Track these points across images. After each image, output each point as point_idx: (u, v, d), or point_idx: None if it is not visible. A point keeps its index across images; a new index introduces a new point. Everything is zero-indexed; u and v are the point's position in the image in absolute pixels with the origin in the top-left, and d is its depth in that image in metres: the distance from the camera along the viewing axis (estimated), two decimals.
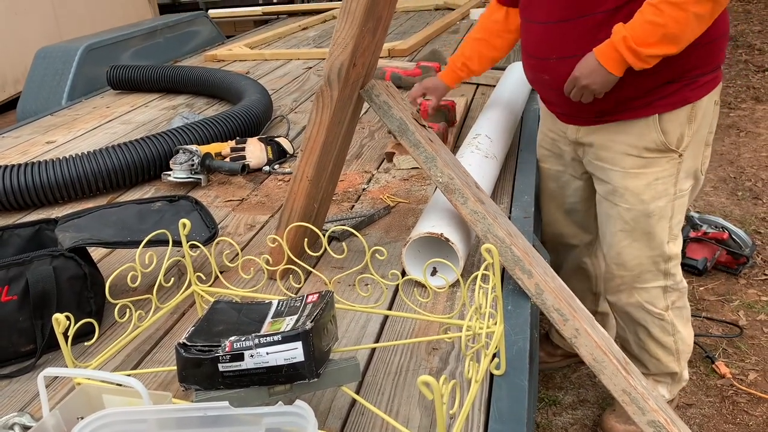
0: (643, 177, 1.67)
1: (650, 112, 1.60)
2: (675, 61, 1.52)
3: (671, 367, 1.92)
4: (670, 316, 1.84)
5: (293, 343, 0.88)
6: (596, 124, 1.69)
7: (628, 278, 1.81)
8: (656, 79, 1.55)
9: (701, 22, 1.43)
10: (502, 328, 1.06)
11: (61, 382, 1.18)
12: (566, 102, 1.66)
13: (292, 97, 3.09)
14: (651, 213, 1.70)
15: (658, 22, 1.42)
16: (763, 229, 3.30)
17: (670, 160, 1.65)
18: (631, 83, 1.54)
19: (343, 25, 1.22)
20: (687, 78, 1.57)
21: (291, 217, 1.42)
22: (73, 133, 2.80)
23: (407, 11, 5.40)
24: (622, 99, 1.59)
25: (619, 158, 1.68)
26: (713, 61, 1.61)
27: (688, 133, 1.62)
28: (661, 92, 1.58)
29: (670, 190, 1.68)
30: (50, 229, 1.43)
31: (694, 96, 1.59)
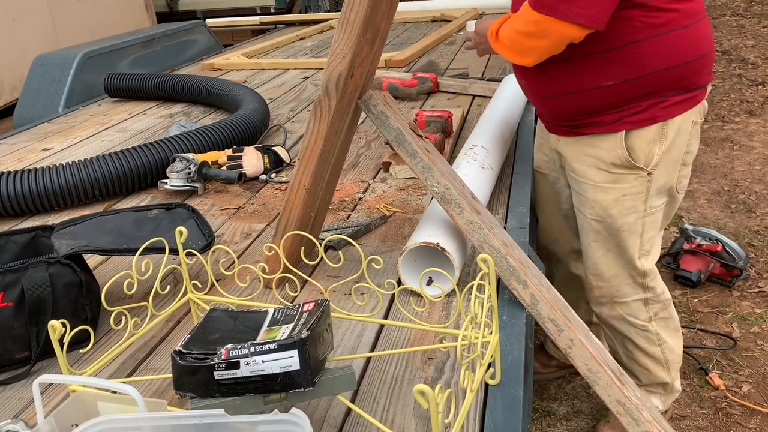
0: (611, 191, 1.69)
1: (618, 128, 1.61)
2: (639, 82, 1.55)
3: (662, 377, 1.92)
4: (654, 327, 1.85)
5: (289, 351, 0.89)
6: (570, 136, 1.72)
7: (606, 290, 1.83)
8: (623, 94, 1.57)
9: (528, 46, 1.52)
10: (497, 338, 1.06)
11: (55, 389, 1.18)
12: (543, 107, 1.77)
13: (289, 106, 3.10)
14: (619, 228, 1.71)
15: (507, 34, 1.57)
16: (756, 241, 3.32)
17: (638, 177, 1.65)
18: (599, 97, 1.58)
19: (342, 35, 1.23)
20: (658, 96, 1.58)
21: (288, 226, 1.42)
22: (70, 141, 2.80)
23: (404, 22, 5.43)
24: (590, 111, 1.62)
25: (590, 171, 1.70)
26: (686, 84, 1.60)
27: (657, 152, 1.62)
28: (631, 108, 1.59)
29: (640, 207, 1.69)
30: (46, 236, 1.43)
31: (664, 115, 1.59)
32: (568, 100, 1.64)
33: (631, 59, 1.52)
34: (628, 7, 1.46)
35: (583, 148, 1.70)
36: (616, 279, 1.79)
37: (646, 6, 1.47)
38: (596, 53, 1.53)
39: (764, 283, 2.97)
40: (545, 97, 1.71)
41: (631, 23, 1.48)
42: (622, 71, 1.54)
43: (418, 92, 2.94)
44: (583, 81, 1.58)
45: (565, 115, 1.69)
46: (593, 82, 1.57)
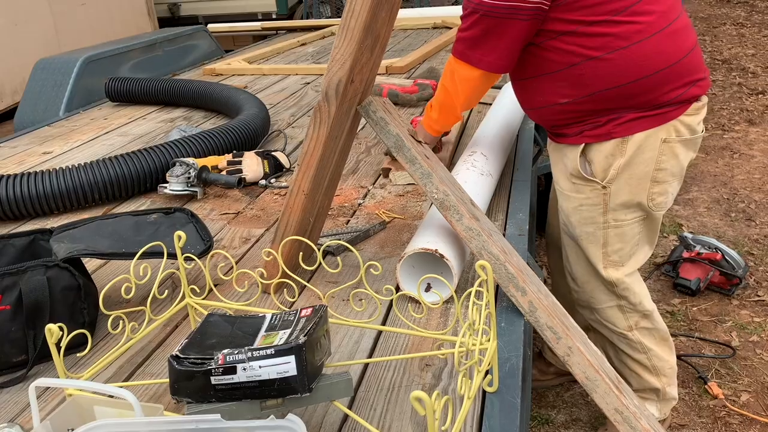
0: (571, 200, 1.75)
1: (579, 141, 1.67)
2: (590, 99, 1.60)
3: (652, 382, 1.92)
4: (635, 336, 1.86)
5: (286, 357, 0.89)
6: (553, 142, 1.80)
7: (582, 295, 1.88)
8: (580, 109, 1.63)
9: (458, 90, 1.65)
10: (495, 345, 1.06)
11: (52, 393, 1.17)
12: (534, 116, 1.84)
13: (289, 111, 3.10)
14: (578, 236, 1.77)
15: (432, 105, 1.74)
16: (756, 250, 3.32)
17: (593, 189, 1.69)
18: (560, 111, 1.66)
19: (342, 41, 1.23)
20: (614, 113, 1.61)
21: (286, 231, 1.42)
22: (70, 145, 2.80)
23: (405, 29, 5.44)
24: (559, 123, 1.70)
25: (560, 178, 1.78)
26: (643, 100, 1.59)
27: (615, 167, 1.64)
28: (592, 122, 1.64)
29: (598, 218, 1.72)
30: (45, 240, 1.43)
31: (621, 131, 1.62)
32: (541, 113, 1.73)
33: (575, 80, 1.58)
34: (554, 38, 1.54)
35: (558, 155, 1.77)
36: (589, 285, 1.84)
37: (576, 33, 1.52)
38: (545, 74, 1.62)
39: (763, 291, 2.97)
40: (526, 108, 1.82)
41: (567, 48, 1.54)
42: (571, 91, 1.60)
43: (419, 99, 2.94)
44: (544, 98, 1.67)
45: (544, 125, 1.80)
46: (551, 99, 1.65)
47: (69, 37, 5.94)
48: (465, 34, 1.60)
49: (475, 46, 1.58)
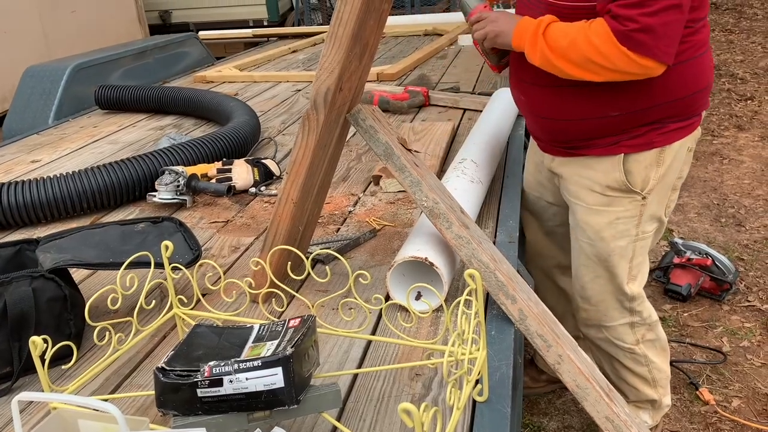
0: (605, 215, 1.67)
1: (616, 151, 1.60)
2: (647, 112, 1.54)
3: (649, 395, 1.92)
4: (641, 349, 1.84)
5: (273, 368, 0.88)
6: (567, 156, 1.71)
7: (593, 313, 1.82)
8: (625, 123, 1.56)
9: (593, 68, 1.44)
10: (485, 354, 1.06)
11: (36, 406, 1.16)
12: (541, 127, 1.73)
13: (280, 119, 3.09)
14: (611, 252, 1.70)
15: (568, 36, 1.44)
16: (746, 255, 3.33)
17: (632, 201, 1.64)
18: (601, 125, 1.57)
19: (330, 50, 1.23)
20: (657, 123, 1.57)
21: (275, 240, 1.41)
22: (59, 153, 2.78)
23: (396, 36, 5.45)
24: (590, 136, 1.61)
25: (584, 193, 1.69)
26: (690, 112, 1.60)
27: (654, 177, 1.61)
28: (630, 133, 1.58)
29: (632, 231, 1.67)
30: (31, 250, 1.42)
31: (662, 140, 1.59)
32: (570, 125, 1.63)
33: (640, 91, 1.50)
34: None
35: (579, 169, 1.68)
36: (604, 304, 1.79)
37: None
38: (604, 83, 1.48)
39: (753, 297, 2.98)
40: (546, 118, 1.67)
41: None
42: (630, 103, 1.52)
43: (409, 106, 2.95)
44: (589, 109, 1.57)
45: (562, 137, 1.68)
46: (599, 111, 1.55)
47: (58, 45, 5.92)
48: (652, 21, 1.36)
49: (664, 35, 1.37)
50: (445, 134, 2.43)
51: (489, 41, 1.64)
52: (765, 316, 2.83)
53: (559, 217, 1.96)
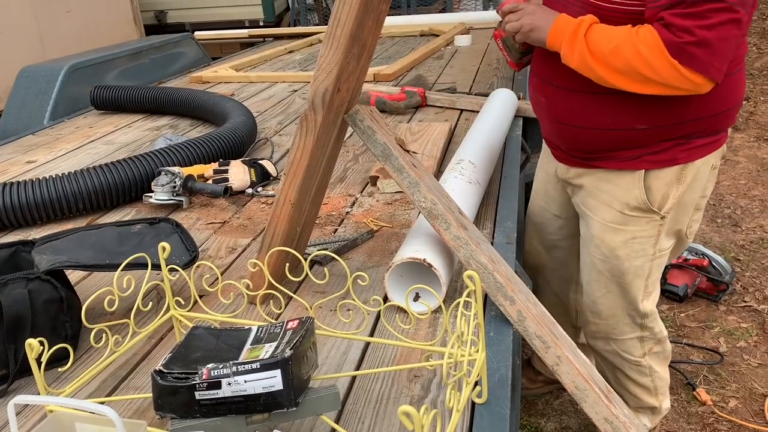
0: (621, 233, 1.61)
1: (637, 167, 1.53)
2: (676, 127, 1.47)
3: (650, 403, 1.91)
4: (647, 361, 1.82)
5: (272, 371, 0.87)
6: (584, 167, 1.65)
7: (603, 327, 1.79)
8: (651, 137, 1.50)
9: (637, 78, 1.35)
10: (484, 356, 1.05)
11: (32, 409, 1.15)
12: (559, 134, 1.64)
13: (276, 119, 3.09)
14: (625, 270, 1.65)
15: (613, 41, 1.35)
16: (742, 256, 3.34)
17: (650, 221, 1.58)
18: (625, 137, 1.50)
19: (328, 50, 1.22)
20: (682, 138, 1.50)
21: (273, 242, 1.41)
22: (55, 153, 2.77)
23: (393, 36, 5.45)
24: (611, 148, 1.54)
25: (601, 209, 1.63)
26: (718, 128, 1.53)
27: (673, 195, 1.54)
28: (652, 148, 1.51)
29: (649, 250, 1.62)
30: (27, 251, 1.41)
31: (685, 157, 1.51)
32: (593, 135, 1.55)
33: (673, 105, 1.43)
34: None
35: (598, 182, 1.62)
36: (615, 319, 1.74)
37: None
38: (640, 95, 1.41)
39: (750, 297, 2.99)
40: (568, 125, 1.59)
41: None
42: (659, 117, 1.45)
43: (406, 106, 2.94)
44: (616, 120, 1.49)
45: (582, 147, 1.60)
46: (625, 123, 1.48)
47: (54, 45, 5.89)
48: (710, 34, 1.26)
49: (719, 51, 1.28)
50: (442, 135, 2.43)
51: (522, 35, 1.52)
52: (761, 317, 2.84)
53: (564, 231, 1.90)
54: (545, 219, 1.94)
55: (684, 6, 1.27)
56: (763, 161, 4.52)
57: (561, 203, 1.86)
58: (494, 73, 3.68)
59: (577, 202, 1.74)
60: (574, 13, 1.46)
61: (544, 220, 1.95)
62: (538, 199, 1.95)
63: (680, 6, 1.28)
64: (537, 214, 1.96)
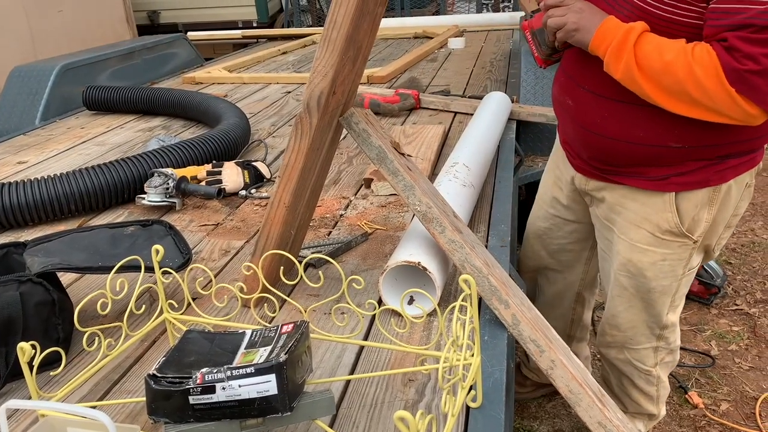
0: (650, 254, 1.54)
1: (666, 189, 1.44)
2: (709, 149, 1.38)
3: (650, 410, 1.89)
4: (657, 371, 1.80)
5: (266, 375, 0.87)
6: (605, 181, 1.56)
7: (620, 338, 1.75)
8: (682, 156, 1.40)
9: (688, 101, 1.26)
10: (479, 360, 1.05)
11: (24, 413, 1.14)
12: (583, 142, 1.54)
13: (270, 121, 3.08)
14: (652, 289, 1.59)
15: (665, 58, 1.25)
16: (733, 259, 3.36)
17: (682, 245, 1.50)
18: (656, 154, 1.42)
19: (324, 53, 1.22)
20: (715, 158, 1.40)
21: (267, 244, 1.40)
22: (46, 154, 2.75)
23: (386, 38, 5.45)
24: (640, 162, 1.45)
25: (628, 228, 1.55)
26: (753, 146, 1.43)
27: (705, 218, 1.46)
28: (680, 168, 1.42)
29: (678, 271, 1.55)
30: (18, 253, 1.39)
31: (718, 179, 1.42)
32: (621, 147, 1.45)
33: (713, 127, 1.32)
34: None
35: (623, 200, 1.53)
36: (633, 330, 1.70)
37: None
38: None
39: (741, 300, 3.00)
40: (594, 133, 1.48)
41: None
42: (696, 137, 1.36)
43: (400, 108, 2.94)
44: (649, 135, 1.39)
45: (606, 159, 1.51)
46: (659, 139, 1.38)
47: (45, 45, 5.86)
48: None
49: None
50: (436, 137, 2.43)
51: (564, 33, 1.38)
52: (752, 320, 2.85)
53: (576, 235, 1.82)
54: (554, 224, 1.87)
55: (752, 30, 1.17)
56: None
57: (575, 211, 1.78)
58: (488, 76, 3.69)
59: (597, 215, 1.67)
60: (622, 17, 1.35)
61: (552, 225, 1.87)
62: (545, 205, 1.87)
63: (748, 30, 1.17)
64: (543, 218, 1.89)
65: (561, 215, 1.86)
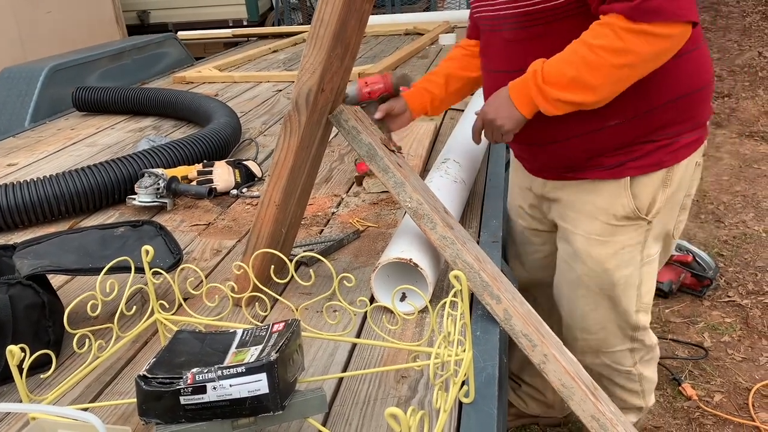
0: (609, 245, 1.55)
1: (621, 174, 1.46)
2: (649, 116, 1.41)
3: (636, 404, 1.86)
4: (637, 369, 1.77)
5: (257, 374, 0.86)
6: (564, 180, 1.58)
7: (593, 342, 1.72)
8: (628, 134, 1.43)
9: (619, 74, 1.28)
10: (470, 356, 1.05)
11: (14, 416, 1.13)
12: (533, 155, 1.58)
13: (261, 119, 3.07)
14: (616, 282, 1.59)
15: (572, 62, 1.28)
16: (725, 251, 3.37)
17: (638, 228, 1.52)
18: (601, 138, 1.45)
19: (311, 50, 1.22)
20: (664, 137, 1.44)
21: (258, 243, 1.40)
22: (36, 156, 2.74)
23: (377, 35, 5.44)
24: (591, 152, 1.48)
25: (585, 222, 1.56)
26: (695, 116, 1.46)
27: (660, 199, 1.49)
28: (634, 152, 1.44)
29: (637, 257, 1.56)
30: (8, 256, 1.39)
31: (671, 159, 1.45)
32: (566, 146, 1.48)
33: (637, 92, 1.36)
34: None
35: (579, 194, 1.55)
36: (604, 332, 1.67)
37: None
38: None
39: (734, 292, 3.02)
40: (539, 144, 1.51)
41: None
42: (629, 107, 1.38)
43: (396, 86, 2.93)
44: (584, 123, 1.41)
45: (558, 163, 1.53)
46: (596, 122, 1.40)
47: (34, 46, 5.82)
48: None
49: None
50: (428, 134, 2.43)
51: (503, 132, 1.42)
52: (745, 311, 2.87)
53: (548, 247, 1.81)
54: (524, 238, 1.87)
55: None
56: (745, 157, 4.57)
57: (540, 219, 1.79)
58: None
59: (554, 218, 1.68)
60: (500, 35, 1.45)
61: (524, 239, 1.88)
62: (515, 215, 1.87)
63: None
64: (518, 233, 1.88)
65: (530, 225, 1.84)
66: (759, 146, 4.75)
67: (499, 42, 1.51)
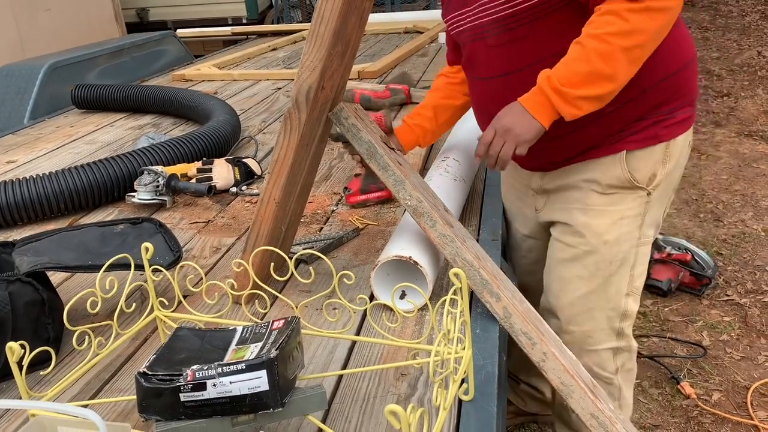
0: (607, 215, 1.54)
1: (618, 149, 1.48)
2: (641, 100, 1.42)
3: None
4: (618, 380, 1.72)
5: (257, 371, 0.86)
6: (559, 168, 1.58)
7: (578, 336, 1.67)
8: (623, 118, 1.44)
9: (631, 56, 1.28)
10: (470, 353, 1.05)
11: (14, 412, 1.13)
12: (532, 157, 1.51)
13: (260, 117, 3.07)
14: (613, 257, 1.56)
15: (583, 58, 1.28)
16: (724, 250, 3.37)
17: (637, 197, 1.52)
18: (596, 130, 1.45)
19: (311, 48, 1.22)
20: (660, 113, 1.45)
21: (257, 241, 1.40)
22: (35, 153, 2.73)
23: (377, 33, 5.44)
24: (589, 143, 1.49)
25: (582, 195, 1.55)
26: (685, 93, 1.48)
27: (661, 173, 1.50)
28: (631, 128, 1.46)
29: (635, 233, 1.55)
30: (8, 253, 1.39)
31: (668, 134, 1.47)
32: (561, 142, 1.48)
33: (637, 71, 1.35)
34: None
35: (576, 174, 1.55)
36: (592, 323, 1.64)
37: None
38: None
39: (732, 291, 3.02)
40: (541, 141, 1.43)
41: None
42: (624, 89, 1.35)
43: (391, 104, 2.94)
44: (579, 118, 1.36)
45: (555, 157, 1.54)
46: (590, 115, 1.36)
47: (33, 43, 5.82)
48: None
49: None
50: None
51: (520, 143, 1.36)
52: (743, 310, 2.87)
53: (535, 254, 1.80)
54: (514, 242, 1.87)
55: None
56: (744, 156, 4.58)
57: (528, 222, 1.78)
58: None
59: (551, 208, 1.65)
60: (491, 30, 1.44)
61: (514, 243, 1.88)
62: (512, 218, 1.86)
63: None
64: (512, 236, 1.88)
65: (520, 230, 1.83)
66: (758, 145, 4.75)
67: (485, 49, 1.50)
